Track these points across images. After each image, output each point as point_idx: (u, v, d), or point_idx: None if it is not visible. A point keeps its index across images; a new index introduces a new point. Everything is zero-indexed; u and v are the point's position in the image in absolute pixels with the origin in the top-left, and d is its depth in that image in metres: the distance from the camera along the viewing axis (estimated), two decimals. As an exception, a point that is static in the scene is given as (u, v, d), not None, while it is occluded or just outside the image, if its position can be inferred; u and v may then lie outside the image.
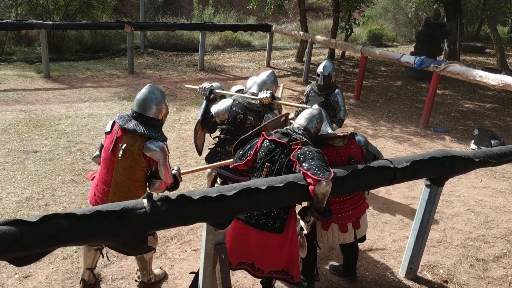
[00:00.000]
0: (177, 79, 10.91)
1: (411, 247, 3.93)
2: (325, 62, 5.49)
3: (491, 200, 5.81)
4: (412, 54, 11.74)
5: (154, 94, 3.26)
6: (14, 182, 5.21)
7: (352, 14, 14.36)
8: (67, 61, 11.76)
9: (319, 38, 11.83)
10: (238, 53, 15.04)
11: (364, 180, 3.15)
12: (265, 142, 3.16)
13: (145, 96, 3.25)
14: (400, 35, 20.18)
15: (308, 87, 5.61)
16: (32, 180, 5.29)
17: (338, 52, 14.81)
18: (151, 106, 3.23)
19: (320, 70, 5.38)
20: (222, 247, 2.77)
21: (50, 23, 10.19)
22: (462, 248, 4.65)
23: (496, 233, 5.02)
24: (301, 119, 3.29)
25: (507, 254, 4.61)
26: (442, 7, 13.72)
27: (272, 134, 3.19)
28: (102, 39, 13.44)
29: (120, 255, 3.98)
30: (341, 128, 3.95)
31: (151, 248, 2.89)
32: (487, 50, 18.07)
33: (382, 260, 4.33)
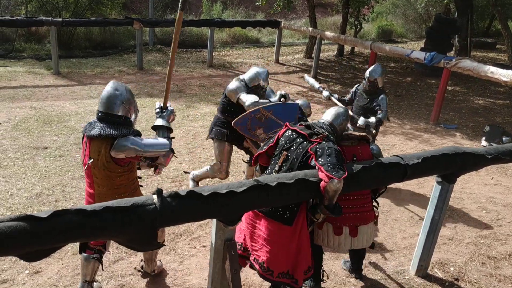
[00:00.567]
0: (186, 76, 10.91)
1: (422, 244, 3.90)
2: (373, 66, 5.37)
3: (502, 198, 5.74)
4: (422, 50, 11.64)
5: (119, 90, 3.05)
6: (24, 178, 5.25)
7: (361, 10, 14.24)
8: (76, 58, 11.82)
9: (328, 34, 11.73)
10: (246, 49, 14.99)
11: (375, 177, 3.13)
12: (287, 132, 3.23)
13: (109, 94, 3.03)
14: (409, 31, 19.99)
15: (357, 86, 5.55)
16: (42, 176, 5.32)
17: (347, 48, 14.72)
18: (115, 103, 3.01)
19: (366, 74, 5.31)
20: (231, 243, 2.76)
21: (60, 20, 10.22)
22: (473, 246, 4.60)
23: (507, 230, 4.96)
24: (327, 115, 3.33)
25: (519, 252, 4.56)
26: (453, 3, 13.57)
27: (296, 125, 3.24)
28: (111, 36, 13.48)
29: (129, 251, 3.99)
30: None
31: (161, 245, 2.88)
32: (498, 46, 17.85)
33: (392, 258, 4.30)
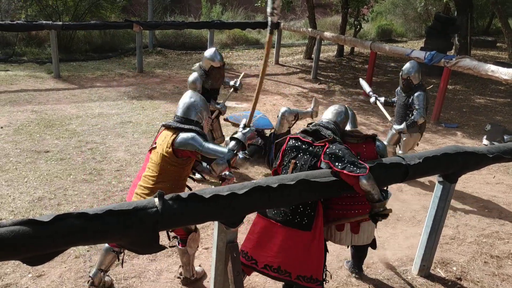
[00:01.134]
0: (186, 78, 10.81)
1: (424, 244, 3.90)
2: (407, 63, 5.35)
3: (504, 196, 5.74)
4: (422, 49, 11.64)
5: (195, 100, 3.37)
6: (26, 182, 5.26)
7: (360, 10, 14.25)
8: (76, 61, 11.84)
9: (327, 34, 11.74)
10: (246, 51, 15.00)
11: (377, 177, 3.11)
12: (290, 141, 3.21)
13: (187, 102, 3.35)
14: (409, 31, 20.00)
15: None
16: (44, 180, 5.33)
17: (347, 48, 14.72)
18: (191, 109, 3.33)
19: (401, 72, 5.32)
20: (233, 245, 2.76)
21: (60, 23, 10.26)
22: (475, 245, 4.60)
23: (510, 229, 4.95)
24: (328, 114, 3.34)
25: (522, 250, 4.55)
26: (452, 1, 13.56)
27: (298, 133, 3.23)
28: (111, 39, 13.51)
29: (132, 254, 3.99)
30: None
31: (163, 247, 2.88)
32: (498, 44, 17.85)
33: (394, 257, 4.30)
